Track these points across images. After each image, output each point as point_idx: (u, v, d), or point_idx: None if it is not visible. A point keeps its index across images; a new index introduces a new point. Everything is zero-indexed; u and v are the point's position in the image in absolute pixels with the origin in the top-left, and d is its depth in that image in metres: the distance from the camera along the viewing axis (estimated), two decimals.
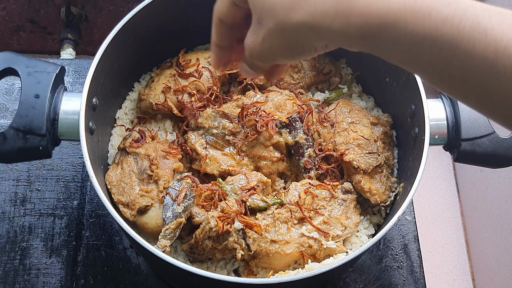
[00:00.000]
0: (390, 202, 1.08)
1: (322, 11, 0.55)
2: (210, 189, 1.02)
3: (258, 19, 0.60)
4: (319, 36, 0.57)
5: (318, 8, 0.55)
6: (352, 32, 0.54)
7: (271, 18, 0.58)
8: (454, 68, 0.53)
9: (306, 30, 0.57)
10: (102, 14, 1.72)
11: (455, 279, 1.72)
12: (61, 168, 1.26)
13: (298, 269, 1.01)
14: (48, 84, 0.94)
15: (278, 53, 0.62)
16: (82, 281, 1.15)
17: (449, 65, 0.53)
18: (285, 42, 0.60)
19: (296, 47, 0.61)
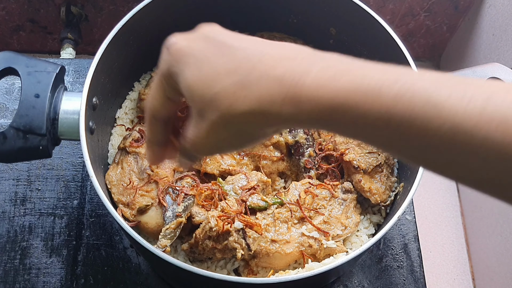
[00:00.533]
0: (390, 201, 1.08)
1: (268, 98, 0.51)
2: (210, 189, 1.02)
3: (199, 112, 0.56)
4: (267, 122, 0.54)
5: (263, 95, 0.51)
6: (303, 117, 0.51)
7: (213, 110, 0.54)
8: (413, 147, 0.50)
9: (253, 119, 0.53)
10: (102, 13, 1.72)
11: (455, 279, 1.72)
12: (61, 168, 1.26)
13: (298, 268, 1.01)
14: (48, 84, 0.94)
15: (225, 145, 0.59)
16: (82, 280, 1.15)
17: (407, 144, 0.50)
18: (232, 133, 0.56)
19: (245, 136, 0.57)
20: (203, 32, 0.58)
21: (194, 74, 0.55)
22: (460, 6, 1.79)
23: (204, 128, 0.56)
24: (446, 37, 1.94)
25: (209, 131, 0.56)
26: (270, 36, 1.22)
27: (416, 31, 1.89)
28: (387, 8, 1.77)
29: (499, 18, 1.62)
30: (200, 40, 0.57)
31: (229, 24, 1.32)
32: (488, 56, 1.68)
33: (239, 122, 0.54)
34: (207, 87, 0.54)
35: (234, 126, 0.55)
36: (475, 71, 0.98)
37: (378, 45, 1.09)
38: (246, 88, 0.52)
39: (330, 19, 1.18)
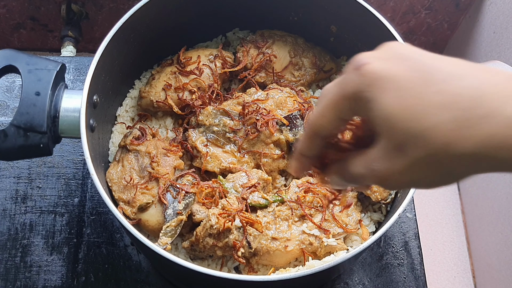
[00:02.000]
0: (391, 199, 1.08)
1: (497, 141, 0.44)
2: (210, 187, 1.02)
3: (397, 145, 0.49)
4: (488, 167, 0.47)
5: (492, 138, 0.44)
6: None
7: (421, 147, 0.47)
8: None
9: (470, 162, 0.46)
10: (102, 11, 1.72)
11: (456, 276, 1.72)
12: (62, 166, 1.26)
13: (299, 266, 1.01)
14: (49, 82, 0.94)
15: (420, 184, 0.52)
16: (83, 278, 1.16)
17: None
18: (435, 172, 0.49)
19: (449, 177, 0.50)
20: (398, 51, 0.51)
21: (395, 102, 0.48)
22: (461, 4, 1.79)
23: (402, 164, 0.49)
24: (447, 35, 1.94)
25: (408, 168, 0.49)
26: (271, 33, 1.22)
27: (417, 28, 1.89)
28: (388, 5, 1.77)
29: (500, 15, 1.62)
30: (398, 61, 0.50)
31: (230, 22, 1.32)
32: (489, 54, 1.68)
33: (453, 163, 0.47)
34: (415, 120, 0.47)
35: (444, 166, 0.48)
36: None
37: (379, 43, 1.08)
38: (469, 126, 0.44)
39: (331, 17, 1.18)
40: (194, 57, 1.17)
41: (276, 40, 1.21)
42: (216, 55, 1.18)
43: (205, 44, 1.27)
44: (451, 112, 0.45)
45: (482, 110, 0.44)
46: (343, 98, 0.53)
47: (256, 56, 1.18)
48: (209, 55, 1.18)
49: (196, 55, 1.17)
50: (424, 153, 0.47)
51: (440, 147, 0.46)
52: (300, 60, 1.20)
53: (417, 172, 0.49)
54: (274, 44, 1.20)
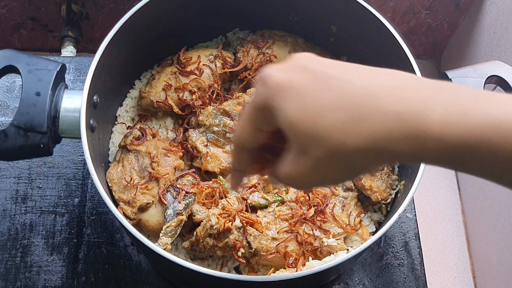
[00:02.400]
0: (391, 199, 1.08)
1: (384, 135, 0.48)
2: (211, 187, 1.03)
3: (301, 147, 0.53)
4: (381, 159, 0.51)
5: (378, 131, 0.48)
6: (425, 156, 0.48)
7: (319, 147, 0.51)
8: None
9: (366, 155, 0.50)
10: (102, 11, 1.72)
11: (456, 277, 1.72)
12: (62, 166, 1.26)
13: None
14: (49, 82, 0.94)
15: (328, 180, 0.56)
16: (83, 278, 1.16)
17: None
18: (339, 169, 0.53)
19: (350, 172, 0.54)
20: (300, 63, 0.55)
21: (296, 109, 0.52)
22: (461, 4, 1.79)
23: (306, 164, 0.53)
24: (447, 35, 1.94)
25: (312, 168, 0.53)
26: (271, 34, 1.22)
27: (417, 29, 1.89)
28: (388, 6, 1.77)
29: (500, 16, 1.62)
30: (299, 72, 0.54)
31: (230, 22, 1.32)
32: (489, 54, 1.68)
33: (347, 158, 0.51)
34: (312, 122, 0.51)
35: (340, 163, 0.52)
36: (476, 69, 0.98)
37: (379, 43, 1.09)
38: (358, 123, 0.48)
39: (331, 17, 1.18)
40: (194, 57, 1.17)
41: (276, 40, 1.21)
42: (216, 55, 1.18)
43: (205, 44, 1.27)
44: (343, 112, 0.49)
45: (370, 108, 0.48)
46: (255, 109, 0.57)
47: (256, 56, 1.18)
48: (209, 55, 1.18)
49: (196, 55, 1.17)
50: (323, 152, 0.51)
51: (336, 144, 0.49)
52: None
53: (321, 171, 0.53)
54: (274, 44, 1.20)
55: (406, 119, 0.47)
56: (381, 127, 0.48)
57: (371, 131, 0.48)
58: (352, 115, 0.49)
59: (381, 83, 0.50)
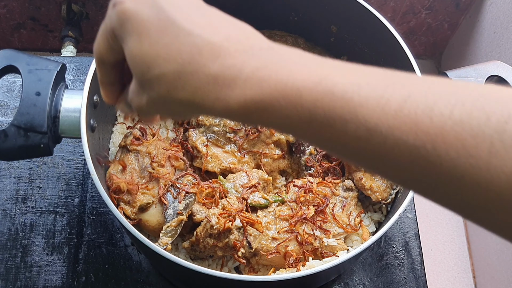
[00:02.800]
0: (391, 199, 1.08)
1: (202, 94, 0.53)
2: (211, 187, 1.03)
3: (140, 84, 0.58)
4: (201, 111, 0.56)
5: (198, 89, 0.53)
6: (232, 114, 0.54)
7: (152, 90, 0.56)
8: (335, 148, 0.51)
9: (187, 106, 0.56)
10: (103, 11, 1.72)
11: (456, 277, 1.72)
12: (62, 166, 1.26)
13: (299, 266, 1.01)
14: (49, 82, 0.94)
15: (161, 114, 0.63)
16: (83, 278, 1.16)
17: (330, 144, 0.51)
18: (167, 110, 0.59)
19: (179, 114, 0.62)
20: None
21: (135, 47, 0.55)
22: (461, 4, 1.79)
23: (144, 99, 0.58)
24: (447, 35, 1.94)
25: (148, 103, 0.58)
26: (271, 34, 1.22)
27: (417, 29, 1.89)
28: (388, 5, 1.77)
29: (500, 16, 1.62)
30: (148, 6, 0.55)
31: None
32: (489, 54, 1.68)
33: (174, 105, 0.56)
34: (147, 67, 0.55)
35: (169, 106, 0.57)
36: (476, 69, 0.98)
37: (379, 43, 1.09)
38: (183, 79, 0.53)
39: (331, 17, 1.18)
40: None
41: (276, 40, 1.21)
42: None
43: None
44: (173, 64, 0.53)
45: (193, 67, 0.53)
46: (106, 31, 0.59)
47: None
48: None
49: None
50: (156, 95, 0.56)
51: (165, 93, 0.55)
52: None
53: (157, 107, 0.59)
54: None
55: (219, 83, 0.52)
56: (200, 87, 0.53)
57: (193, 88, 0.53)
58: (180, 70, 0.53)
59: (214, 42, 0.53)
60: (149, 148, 1.07)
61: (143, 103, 0.59)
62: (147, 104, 0.58)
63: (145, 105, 0.59)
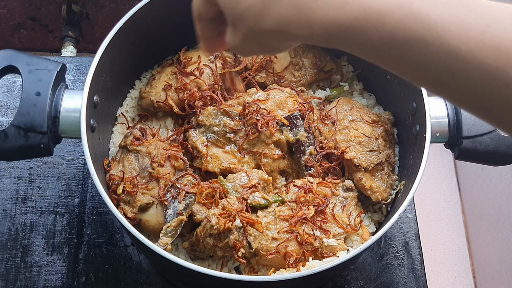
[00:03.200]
0: (391, 199, 1.08)
1: (287, 20, 0.56)
2: (211, 187, 1.02)
3: (232, 23, 0.62)
4: (288, 39, 0.60)
5: (282, 16, 0.56)
6: (315, 37, 0.57)
7: (243, 25, 0.60)
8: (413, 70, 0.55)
9: (275, 35, 0.59)
10: (103, 11, 1.72)
11: (456, 277, 1.72)
12: (62, 166, 1.26)
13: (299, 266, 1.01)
14: (49, 82, 0.94)
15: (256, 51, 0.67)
16: (83, 278, 1.16)
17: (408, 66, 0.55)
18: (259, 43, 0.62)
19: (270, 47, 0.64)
20: None
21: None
22: None
23: (238, 37, 0.62)
24: None
25: (241, 40, 0.62)
26: None
27: None
28: None
29: None
30: None
31: None
32: None
33: (264, 36, 0.60)
34: (236, 3, 0.59)
35: (260, 39, 0.61)
36: None
37: None
38: (268, 8, 0.57)
39: None
40: (195, 57, 1.17)
41: None
42: (217, 55, 1.18)
43: None
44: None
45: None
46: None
47: (257, 57, 1.18)
48: (209, 55, 1.18)
49: (197, 55, 1.17)
50: (246, 29, 0.60)
51: (253, 24, 0.59)
52: (300, 60, 1.20)
53: (250, 43, 0.63)
54: None
55: (301, 7, 0.55)
56: (284, 13, 0.56)
57: (277, 16, 0.57)
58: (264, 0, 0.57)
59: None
60: (149, 148, 1.07)
61: (238, 41, 0.63)
62: (242, 41, 0.62)
63: (239, 43, 0.63)
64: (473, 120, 1.01)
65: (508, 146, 1.00)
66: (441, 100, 1.04)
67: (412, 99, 1.05)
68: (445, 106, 1.03)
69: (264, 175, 1.06)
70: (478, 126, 1.00)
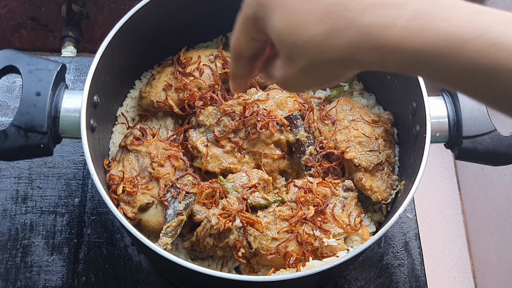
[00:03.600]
0: (391, 199, 1.08)
1: (356, 47, 0.54)
2: (211, 187, 1.02)
3: (289, 56, 0.60)
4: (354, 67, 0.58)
5: (352, 44, 0.54)
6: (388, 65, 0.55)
7: (303, 57, 0.58)
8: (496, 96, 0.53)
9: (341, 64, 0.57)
10: (103, 11, 1.72)
11: (456, 277, 1.73)
12: (62, 166, 1.26)
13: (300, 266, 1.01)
14: (49, 82, 0.94)
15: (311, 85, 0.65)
16: (83, 278, 1.16)
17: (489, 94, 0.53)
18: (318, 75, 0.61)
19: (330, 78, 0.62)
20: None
21: (282, 20, 0.58)
22: None
23: (293, 71, 0.60)
24: None
25: (298, 74, 0.60)
26: None
27: None
28: None
29: None
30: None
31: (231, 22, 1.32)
32: None
33: (326, 67, 0.58)
34: (296, 35, 0.56)
35: (321, 70, 0.59)
36: None
37: None
38: (335, 37, 0.55)
39: None
40: (195, 57, 1.17)
41: None
42: (217, 55, 1.18)
43: (205, 44, 1.27)
44: (322, 25, 0.55)
45: (345, 21, 0.54)
46: (246, 20, 0.63)
47: None
48: (209, 55, 1.18)
49: (197, 55, 1.17)
50: (307, 61, 0.58)
51: (317, 55, 0.56)
52: None
53: (306, 76, 0.61)
54: None
55: (373, 33, 0.53)
56: (354, 40, 0.54)
57: (346, 44, 0.54)
58: (330, 29, 0.55)
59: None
60: (149, 148, 1.07)
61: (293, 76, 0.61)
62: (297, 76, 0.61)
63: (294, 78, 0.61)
64: (473, 120, 1.01)
65: (508, 146, 1.00)
66: (441, 100, 1.04)
67: (412, 99, 1.05)
68: (445, 106, 1.03)
69: (264, 175, 1.06)
70: (478, 126, 1.00)
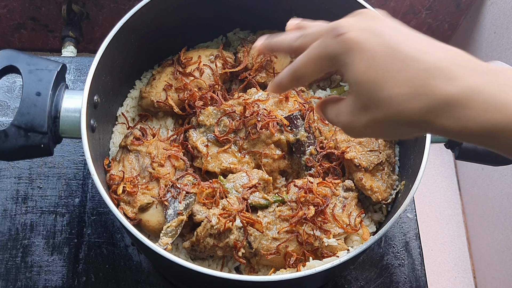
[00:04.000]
0: (392, 199, 1.08)
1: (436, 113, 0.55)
2: (211, 187, 1.03)
3: (363, 106, 0.60)
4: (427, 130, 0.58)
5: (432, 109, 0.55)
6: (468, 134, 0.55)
7: (379, 111, 0.59)
8: None
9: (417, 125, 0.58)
10: (103, 11, 1.72)
11: (456, 277, 1.73)
12: (63, 166, 1.26)
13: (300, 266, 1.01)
14: (50, 82, 0.94)
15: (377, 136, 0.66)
16: (83, 278, 1.16)
17: None
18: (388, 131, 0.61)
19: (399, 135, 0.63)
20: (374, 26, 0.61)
21: (365, 70, 0.59)
22: (462, 4, 1.79)
23: (364, 120, 0.61)
24: (448, 35, 1.94)
25: (368, 124, 0.61)
26: (271, 34, 1.22)
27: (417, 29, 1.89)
28: (389, 6, 1.77)
29: (500, 16, 1.62)
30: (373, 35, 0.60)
31: (231, 22, 1.32)
32: (490, 54, 1.68)
33: (401, 125, 0.59)
34: (378, 88, 0.58)
35: (393, 126, 0.60)
36: None
37: None
38: (419, 100, 0.56)
39: (332, 17, 1.17)
40: (195, 57, 1.17)
41: None
42: (217, 55, 1.18)
43: (205, 45, 1.27)
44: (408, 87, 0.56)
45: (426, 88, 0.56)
46: (325, 57, 0.63)
47: (257, 57, 1.18)
48: (209, 55, 1.18)
49: (197, 55, 1.17)
50: (383, 115, 0.59)
51: (396, 113, 0.57)
52: None
53: (375, 128, 0.61)
54: None
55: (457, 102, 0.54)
56: (432, 105, 0.55)
57: (427, 108, 0.56)
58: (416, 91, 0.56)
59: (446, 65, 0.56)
60: (149, 148, 1.07)
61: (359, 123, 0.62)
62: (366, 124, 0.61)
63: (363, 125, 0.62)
64: None
65: None
66: None
67: None
68: None
69: (265, 175, 1.06)
70: None
